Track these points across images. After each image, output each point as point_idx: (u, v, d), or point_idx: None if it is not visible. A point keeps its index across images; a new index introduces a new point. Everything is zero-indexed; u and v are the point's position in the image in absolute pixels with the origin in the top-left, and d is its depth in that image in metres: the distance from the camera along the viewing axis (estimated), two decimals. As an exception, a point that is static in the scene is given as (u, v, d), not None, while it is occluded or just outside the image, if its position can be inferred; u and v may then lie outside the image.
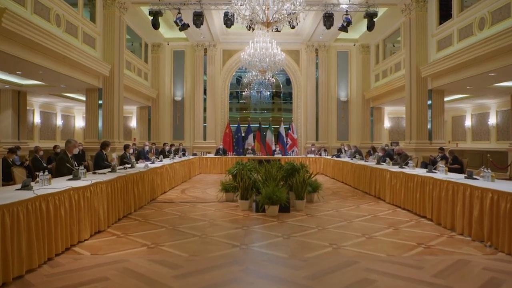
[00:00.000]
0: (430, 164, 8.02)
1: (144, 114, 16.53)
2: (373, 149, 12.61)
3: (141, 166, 7.96)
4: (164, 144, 13.28)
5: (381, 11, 12.41)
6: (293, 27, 9.02)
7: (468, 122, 16.66)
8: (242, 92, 17.34)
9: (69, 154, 5.99)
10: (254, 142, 16.01)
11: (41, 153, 9.19)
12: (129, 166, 7.65)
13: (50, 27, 8.22)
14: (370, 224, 5.71)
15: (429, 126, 11.37)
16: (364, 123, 16.57)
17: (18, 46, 7.35)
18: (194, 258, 4.05)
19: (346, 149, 13.49)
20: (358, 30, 15.05)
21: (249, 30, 9.65)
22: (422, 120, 11.31)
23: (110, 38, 11.13)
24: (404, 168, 7.60)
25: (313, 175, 7.44)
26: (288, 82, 17.24)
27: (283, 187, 6.72)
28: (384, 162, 9.00)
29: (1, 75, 10.37)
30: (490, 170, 5.23)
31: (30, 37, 7.18)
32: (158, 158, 10.12)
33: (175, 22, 11.37)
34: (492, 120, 15.13)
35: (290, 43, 15.99)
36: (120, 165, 8.07)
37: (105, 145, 7.54)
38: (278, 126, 16.46)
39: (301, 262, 3.95)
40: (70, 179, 5.09)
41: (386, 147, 11.07)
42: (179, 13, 11.18)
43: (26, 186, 4.10)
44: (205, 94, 16.35)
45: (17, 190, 4.05)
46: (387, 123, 18.08)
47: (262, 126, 16.47)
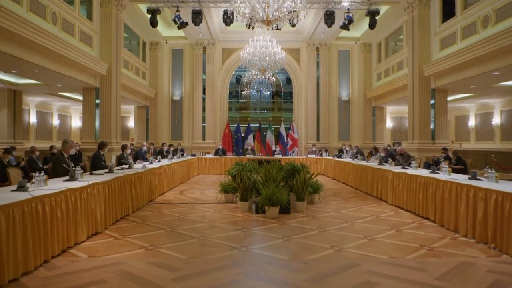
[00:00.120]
0: (433, 164, 8.03)
1: (142, 113, 16.54)
2: (375, 149, 12.61)
3: (139, 166, 7.96)
4: (162, 144, 13.28)
5: (383, 9, 12.43)
6: (293, 25, 9.04)
7: (471, 122, 16.67)
8: (242, 91, 17.35)
9: (65, 155, 5.97)
10: (254, 142, 16.02)
11: (37, 153, 9.20)
12: (126, 166, 7.66)
13: (46, 25, 8.22)
14: (372, 225, 5.71)
15: (432, 126, 11.38)
16: (366, 123, 16.57)
17: (13, 44, 7.36)
18: (193, 261, 4.05)
19: (347, 149, 13.49)
20: (360, 28, 15.06)
21: (248, 28, 9.66)
22: (425, 120, 11.32)
23: (107, 36, 11.14)
24: (406, 168, 7.60)
25: (314, 176, 7.44)
26: (288, 81, 17.25)
27: (284, 188, 6.71)
28: (386, 163, 9.00)
29: (-4, 74, 10.40)
30: (494, 171, 5.23)
31: (26, 35, 7.18)
32: (156, 159, 10.12)
33: (174, 20, 11.38)
34: (496, 119, 15.15)
35: (290, 42, 16.01)
36: (117, 165, 8.07)
37: (102, 145, 7.54)
38: (279, 126, 16.46)
39: (301, 264, 3.95)
40: (66, 180, 5.09)
41: (388, 148, 11.07)
42: (178, 11, 11.18)
43: (21, 187, 4.10)
44: (204, 93, 16.36)
45: (12, 191, 4.05)
46: (389, 123, 18.10)
47: (262, 126, 16.48)
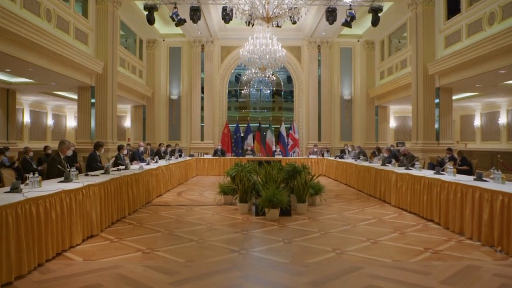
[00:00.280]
0: (437, 165, 8.03)
1: (138, 113, 16.54)
2: (378, 149, 12.62)
3: (135, 167, 7.96)
4: (159, 144, 13.29)
5: (386, 6, 12.43)
6: (294, 23, 9.02)
7: (477, 122, 16.68)
8: (241, 90, 17.36)
9: (62, 156, 5.99)
10: (253, 143, 16.02)
11: (31, 154, 9.20)
12: (123, 167, 7.66)
13: (41, 23, 8.23)
14: (375, 228, 5.72)
15: (436, 126, 11.39)
16: (368, 123, 16.58)
17: (6, 42, 7.36)
18: (191, 264, 4.05)
19: (349, 149, 13.50)
20: (362, 25, 15.06)
21: (248, 25, 9.66)
22: (429, 119, 11.32)
23: (103, 34, 11.15)
24: (410, 169, 7.61)
25: (315, 177, 7.45)
26: (289, 80, 17.26)
27: (284, 190, 6.72)
28: (389, 164, 9.01)
29: (-11, 73, 10.40)
30: (500, 172, 5.24)
31: (19, 33, 7.19)
32: (154, 159, 10.12)
33: (171, 17, 11.37)
34: (502, 119, 15.16)
35: (291, 39, 16.02)
36: (113, 166, 8.07)
37: (98, 145, 7.54)
38: (279, 126, 16.47)
39: (302, 267, 3.95)
40: (61, 181, 5.09)
41: (392, 148, 11.10)
42: (175, 7, 11.18)
43: (15, 189, 4.10)
44: (202, 92, 16.36)
45: (5, 192, 4.05)
46: (393, 123, 18.11)
47: (262, 126, 16.48)
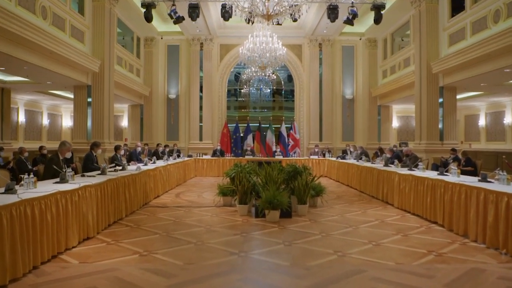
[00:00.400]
0: (441, 166, 8.03)
1: (136, 113, 16.54)
2: (380, 150, 12.63)
3: (132, 168, 7.96)
4: (157, 145, 13.28)
5: (389, 3, 12.43)
6: (295, 20, 9.02)
7: (482, 122, 16.68)
8: (241, 89, 17.36)
9: (60, 157, 6.04)
10: (253, 143, 16.01)
11: (26, 154, 9.18)
12: (120, 168, 7.65)
13: (36, 20, 8.23)
14: (378, 230, 5.72)
15: (440, 126, 11.39)
16: (370, 123, 16.59)
17: (1, 40, 7.36)
18: (189, 267, 4.05)
19: (351, 150, 13.50)
20: (365, 23, 15.07)
21: (248, 23, 9.65)
22: (433, 119, 11.33)
23: (100, 31, 11.14)
24: (413, 170, 7.61)
25: (316, 178, 7.45)
26: (289, 78, 17.26)
27: (285, 191, 6.71)
28: (392, 164, 9.01)
29: (-17, 71, 10.40)
30: (505, 173, 5.23)
31: (14, 30, 7.18)
32: (151, 160, 10.12)
33: (169, 14, 11.36)
34: (508, 119, 15.16)
35: (292, 37, 16.02)
36: (110, 167, 8.07)
37: (95, 145, 7.55)
38: (279, 126, 16.48)
39: (303, 270, 3.95)
40: (57, 182, 5.09)
41: (395, 148, 11.09)
42: (174, 4, 11.17)
43: (9, 190, 4.09)
44: (201, 91, 16.36)
45: (0, 193, 4.05)
46: (396, 123, 18.11)
47: (262, 125, 16.48)
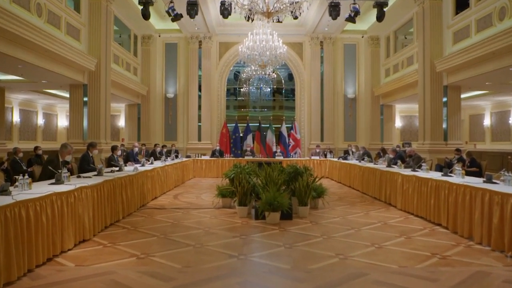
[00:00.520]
0: (445, 167, 8.03)
1: (133, 112, 16.54)
2: (383, 150, 12.63)
3: (130, 169, 7.96)
4: (155, 145, 13.29)
5: (392, 0, 12.43)
6: (295, 18, 9.04)
7: (487, 121, 16.68)
8: (241, 88, 17.36)
9: (60, 159, 6.10)
10: (253, 143, 16.01)
11: (20, 155, 9.19)
12: (117, 169, 7.65)
13: (31, 18, 8.23)
14: (380, 232, 5.72)
15: (444, 126, 11.39)
16: (373, 122, 16.58)
17: (-5, 38, 7.36)
18: (188, 270, 4.05)
19: (353, 150, 13.50)
20: (367, 20, 15.08)
21: (248, 20, 9.65)
22: (437, 119, 11.32)
23: (96, 29, 11.15)
24: (417, 171, 7.61)
25: (317, 179, 7.45)
26: (290, 77, 17.26)
27: (285, 192, 6.72)
28: (395, 165, 9.02)
29: (-24, 70, 10.39)
30: (511, 174, 5.24)
31: (8, 28, 7.18)
32: (149, 161, 10.12)
33: (167, 12, 11.36)
34: (513, 119, 15.17)
35: (292, 35, 16.03)
36: (107, 168, 8.07)
37: (91, 146, 7.55)
38: (280, 126, 16.48)
39: (304, 273, 3.95)
40: (52, 184, 5.09)
41: (398, 149, 11.10)
42: (172, 2, 11.16)
43: (4, 191, 4.09)
44: (200, 90, 16.36)
45: (-6, 195, 4.05)
46: (399, 122, 18.11)
47: (262, 125, 16.48)
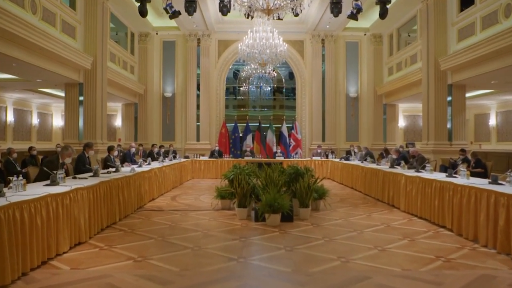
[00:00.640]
0: (450, 167, 8.04)
1: (130, 112, 16.54)
2: (386, 151, 12.64)
3: (126, 170, 7.96)
4: (152, 145, 13.28)
5: (395, -3, 12.44)
6: (296, 15, 9.03)
7: (492, 121, 16.69)
8: (240, 87, 17.37)
9: (60, 160, 6.18)
10: (253, 143, 16.02)
11: (14, 155, 9.19)
12: (113, 170, 7.66)
13: (25, 15, 8.23)
14: (383, 234, 5.72)
15: (448, 125, 11.39)
16: (376, 122, 16.59)
17: (-11, 35, 7.37)
18: (186, 273, 4.05)
19: (356, 151, 13.51)
20: (370, 18, 15.08)
21: (247, 18, 9.66)
22: (441, 118, 11.33)
23: (92, 27, 11.15)
24: (420, 172, 7.61)
25: (319, 180, 7.45)
26: (291, 76, 17.27)
27: (286, 194, 6.72)
28: (398, 166, 9.02)
29: (-30, 68, 10.38)
30: (517, 175, 5.24)
31: (2, 25, 7.18)
32: (146, 161, 10.13)
33: (165, 9, 11.35)
34: (519, 118, 15.18)
35: (293, 33, 16.03)
36: (103, 169, 8.07)
37: (87, 146, 7.56)
38: (280, 126, 16.48)
39: (305, 277, 3.95)
40: (47, 185, 5.09)
41: (401, 149, 11.10)
42: (170, -2, 11.17)
43: (-3, 193, 4.09)
44: (198, 89, 16.36)
45: (-13, 196, 4.05)
46: (402, 122, 18.12)
47: (262, 125, 16.48)
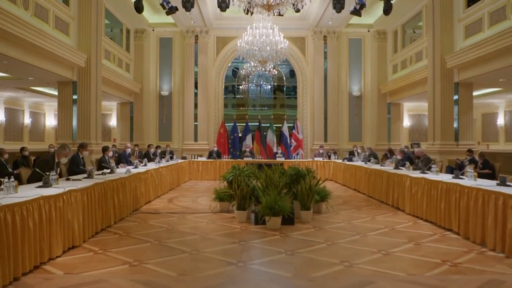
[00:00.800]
0: (456, 169, 8.05)
1: (125, 111, 16.55)
2: (390, 151, 12.63)
3: (122, 171, 7.97)
4: (148, 145, 13.29)
5: (399, -8, 12.46)
6: (298, 11, 9.05)
7: (500, 120, 16.69)
8: (239, 85, 17.38)
9: (56, 160, 6.19)
10: (252, 144, 16.01)
11: (6, 156, 9.19)
12: (108, 171, 7.66)
13: (17, 11, 8.22)
14: (387, 238, 5.73)
15: (455, 125, 11.40)
16: (380, 122, 16.59)
17: (-21, 32, 7.36)
18: (183, 278, 4.05)
19: (359, 151, 13.51)
20: (373, 14, 15.09)
21: (247, 14, 9.66)
22: (447, 118, 11.33)
23: (86, 23, 11.14)
24: (426, 173, 7.62)
25: (321, 182, 7.45)
26: (292, 74, 17.28)
27: (287, 196, 6.72)
28: (403, 167, 9.02)
29: (-41, 66, 10.38)
30: (526, 176, 5.25)
31: (-7, 22, 7.19)
32: (142, 162, 10.13)
33: (162, 4, 11.35)
34: (528, 118, 15.18)
35: (294, 29, 16.04)
36: (98, 170, 8.07)
37: (81, 147, 7.57)
38: (281, 125, 16.46)
39: (307, 282, 3.95)
40: (40, 187, 5.08)
41: (406, 149, 11.09)
42: (166, -6, 11.18)
43: (-12, 195, 4.10)
44: (196, 88, 16.37)
45: (-22, 199, 4.04)
46: (407, 122, 18.12)
47: (262, 125, 16.47)
